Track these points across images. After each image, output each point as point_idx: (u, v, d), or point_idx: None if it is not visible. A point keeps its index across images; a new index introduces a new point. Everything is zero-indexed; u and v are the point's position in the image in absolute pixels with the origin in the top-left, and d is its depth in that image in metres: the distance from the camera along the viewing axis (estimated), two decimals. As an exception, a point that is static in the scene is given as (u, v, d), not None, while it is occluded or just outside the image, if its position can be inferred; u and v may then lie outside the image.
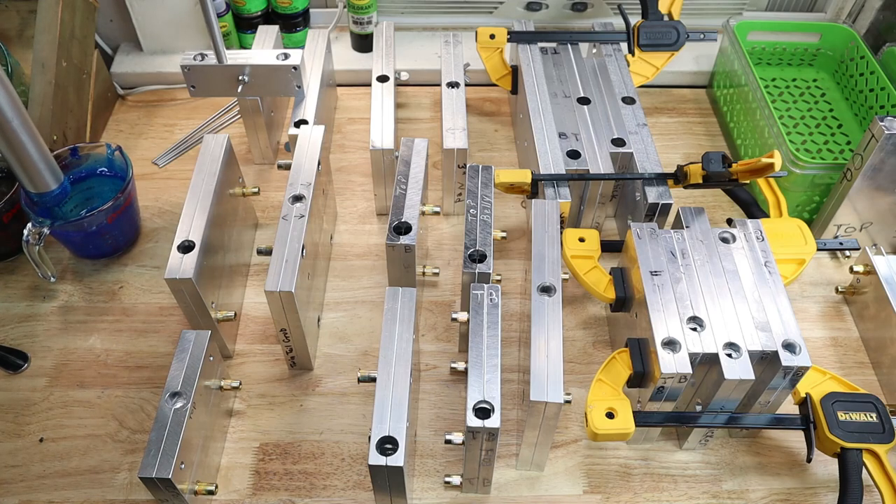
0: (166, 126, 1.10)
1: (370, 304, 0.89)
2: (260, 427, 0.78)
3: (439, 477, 0.74)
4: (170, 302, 0.88)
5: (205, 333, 0.71)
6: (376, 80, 0.99)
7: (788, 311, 0.70)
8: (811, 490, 0.74)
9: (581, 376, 0.82)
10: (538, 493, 0.73)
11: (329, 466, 0.75)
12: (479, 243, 0.77)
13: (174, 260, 0.73)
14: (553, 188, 0.84)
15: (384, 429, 0.61)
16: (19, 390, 0.80)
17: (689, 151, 1.08)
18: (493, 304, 0.70)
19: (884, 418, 0.68)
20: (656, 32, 1.03)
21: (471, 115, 1.12)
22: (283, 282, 0.71)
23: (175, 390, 0.67)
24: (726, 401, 0.69)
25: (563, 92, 0.97)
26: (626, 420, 0.66)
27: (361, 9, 1.13)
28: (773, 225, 0.82)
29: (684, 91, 1.18)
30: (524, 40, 1.03)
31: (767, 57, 1.13)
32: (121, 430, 0.77)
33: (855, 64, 1.06)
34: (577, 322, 0.87)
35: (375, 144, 0.89)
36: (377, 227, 0.97)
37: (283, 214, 0.77)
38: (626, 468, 0.75)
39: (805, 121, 1.06)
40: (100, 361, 0.83)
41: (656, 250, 0.74)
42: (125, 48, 1.18)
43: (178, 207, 0.98)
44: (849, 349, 0.86)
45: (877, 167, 0.83)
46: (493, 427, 0.62)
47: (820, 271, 0.93)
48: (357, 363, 0.83)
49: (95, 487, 0.73)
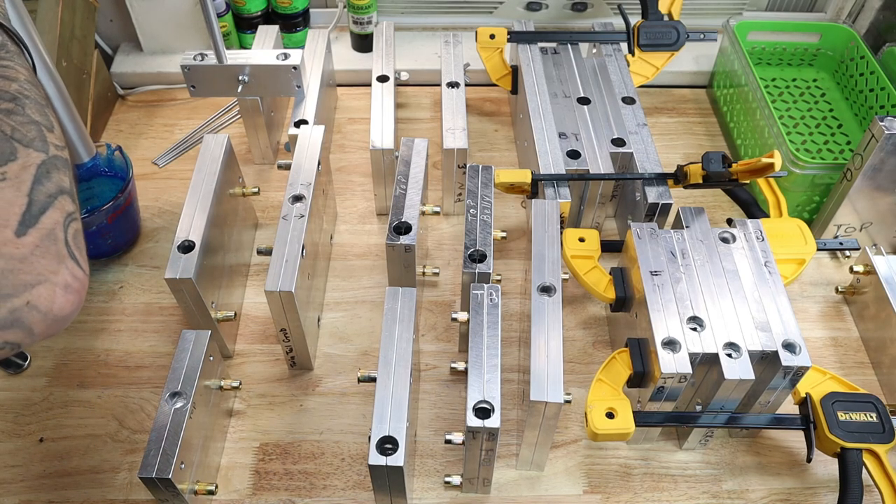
0: (166, 126, 1.10)
1: (370, 304, 0.89)
2: (260, 427, 0.78)
3: (439, 477, 0.74)
4: (170, 302, 0.88)
5: (205, 333, 0.71)
6: (376, 80, 0.99)
7: (788, 311, 0.70)
8: (811, 490, 0.74)
9: (581, 376, 0.82)
10: (538, 493, 0.73)
11: (329, 466, 0.75)
12: (479, 243, 0.77)
13: (174, 260, 0.73)
14: (553, 188, 0.84)
15: (384, 429, 0.61)
16: (19, 390, 0.80)
17: (689, 151, 1.08)
18: (493, 304, 0.70)
19: (884, 418, 0.68)
20: (656, 32, 1.03)
21: (471, 115, 1.12)
22: (283, 282, 0.71)
23: (175, 390, 0.67)
24: (726, 401, 0.69)
25: (563, 92, 0.97)
26: (626, 420, 0.66)
27: (361, 9, 1.13)
28: (773, 225, 0.82)
29: (684, 91, 1.18)
30: (524, 40, 1.03)
31: (767, 57, 1.13)
32: (121, 430, 0.77)
33: (855, 64, 1.06)
34: (577, 322, 0.87)
35: (375, 144, 0.89)
36: (377, 227, 0.97)
37: (283, 214, 0.77)
38: (626, 468, 0.75)
39: (805, 121, 1.06)
40: (100, 361, 0.83)
41: (656, 250, 0.74)
42: (125, 48, 1.18)
43: (178, 207, 0.98)
44: (849, 349, 0.86)
45: (877, 167, 0.83)
46: (493, 427, 0.62)
47: (820, 271, 0.93)
48: (357, 363, 0.83)
49: (95, 487, 0.73)
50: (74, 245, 0.46)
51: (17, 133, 0.46)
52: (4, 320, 0.40)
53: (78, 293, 0.45)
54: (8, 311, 0.41)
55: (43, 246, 0.43)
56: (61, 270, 0.44)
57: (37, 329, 0.43)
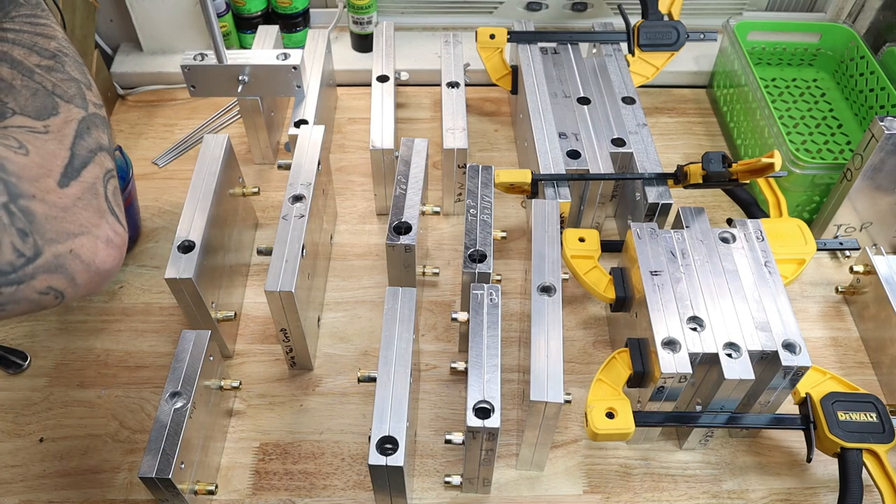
0: (166, 126, 1.10)
1: (370, 304, 0.89)
2: (260, 427, 0.78)
3: (439, 477, 0.74)
4: (170, 302, 0.88)
5: (205, 333, 0.71)
6: (376, 80, 0.99)
7: (788, 311, 0.70)
8: (811, 490, 0.74)
9: (581, 376, 0.82)
10: (538, 493, 0.73)
11: (329, 466, 0.75)
12: (479, 243, 0.77)
13: (174, 260, 0.73)
14: (553, 188, 0.84)
15: (384, 429, 0.61)
16: (19, 390, 0.80)
17: (689, 151, 1.08)
18: (493, 304, 0.70)
19: (884, 418, 0.68)
20: (656, 32, 1.03)
21: (471, 115, 1.12)
22: (283, 282, 0.71)
23: (175, 390, 0.67)
24: (726, 401, 0.69)
25: (563, 92, 0.97)
26: (626, 420, 0.66)
27: (361, 9, 1.13)
28: (773, 225, 0.82)
29: (684, 91, 1.18)
30: (524, 40, 1.03)
31: (767, 57, 1.13)
32: (121, 430, 0.77)
33: (855, 64, 1.06)
34: (577, 322, 0.87)
35: (375, 144, 0.89)
36: (377, 227, 0.97)
37: (283, 214, 0.77)
38: (626, 468, 0.75)
39: (805, 121, 1.06)
40: (100, 361, 0.83)
41: (656, 250, 0.74)
42: (125, 48, 1.18)
43: (178, 207, 0.98)
44: (849, 349, 0.86)
45: (877, 167, 0.83)
46: (493, 427, 0.62)
47: (820, 271, 0.93)
48: (357, 363, 0.83)
49: (95, 487, 0.73)
50: (114, 201, 0.46)
51: (59, 89, 0.47)
52: (49, 264, 0.41)
53: (119, 249, 0.46)
54: (52, 256, 0.41)
55: (85, 199, 0.44)
56: (102, 224, 0.44)
57: (79, 279, 0.43)
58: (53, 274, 0.41)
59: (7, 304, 0.40)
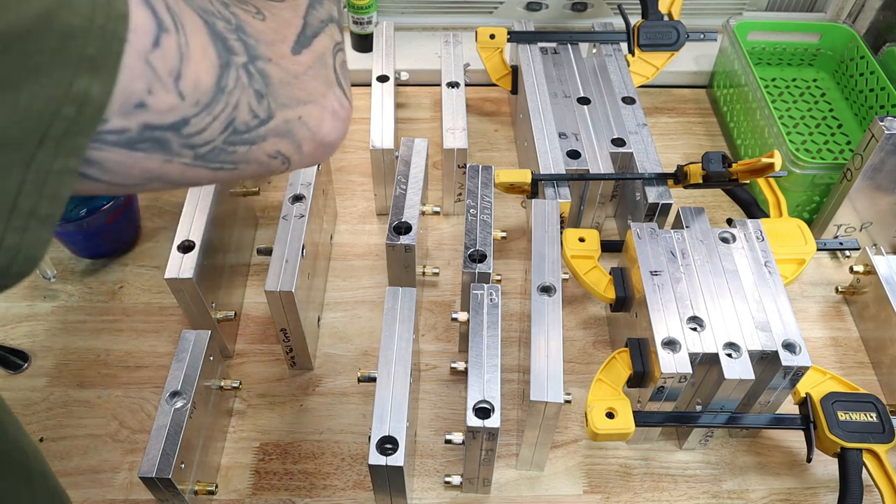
0: (166, 126, 1.10)
1: (370, 304, 0.89)
2: (260, 427, 0.78)
3: (439, 477, 0.74)
4: (170, 302, 0.88)
5: (205, 333, 0.71)
6: (376, 80, 0.99)
7: (788, 311, 0.70)
8: (811, 490, 0.74)
9: (581, 376, 0.82)
10: (538, 493, 0.73)
11: (329, 466, 0.75)
12: (479, 243, 0.77)
13: (174, 260, 0.73)
14: (553, 188, 0.84)
15: (384, 429, 0.61)
16: (19, 390, 0.80)
17: (689, 151, 1.08)
18: (493, 304, 0.70)
19: (884, 418, 0.68)
20: (656, 32, 1.03)
21: (471, 115, 1.12)
22: (283, 282, 0.71)
23: (175, 390, 0.67)
24: (726, 401, 0.69)
25: (563, 92, 0.97)
26: (626, 420, 0.66)
27: (361, 9, 1.13)
28: (773, 225, 0.82)
29: (684, 91, 1.18)
30: (524, 40, 1.03)
31: (767, 57, 1.13)
32: (121, 430, 0.77)
33: (855, 64, 1.06)
34: (577, 322, 0.87)
35: (375, 144, 0.89)
36: (377, 227, 0.97)
37: (283, 214, 0.77)
38: (626, 468, 0.75)
39: (805, 121, 1.06)
40: (100, 361, 0.83)
41: (656, 250, 0.74)
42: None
43: (178, 207, 0.97)
44: (849, 349, 0.86)
45: (877, 167, 0.83)
46: (493, 427, 0.62)
47: (820, 271, 0.93)
48: (357, 363, 0.83)
49: (95, 487, 0.73)
50: (342, 74, 0.46)
51: None
52: (279, 128, 0.41)
53: (344, 122, 0.45)
54: (283, 120, 0.41)
55: (315, 68, 0.43)
56: (329, 95, 0.44)
57: (305, 147, 0.43)
58: (283, 138, 0.41)
59: (240, 162, 0.40)
